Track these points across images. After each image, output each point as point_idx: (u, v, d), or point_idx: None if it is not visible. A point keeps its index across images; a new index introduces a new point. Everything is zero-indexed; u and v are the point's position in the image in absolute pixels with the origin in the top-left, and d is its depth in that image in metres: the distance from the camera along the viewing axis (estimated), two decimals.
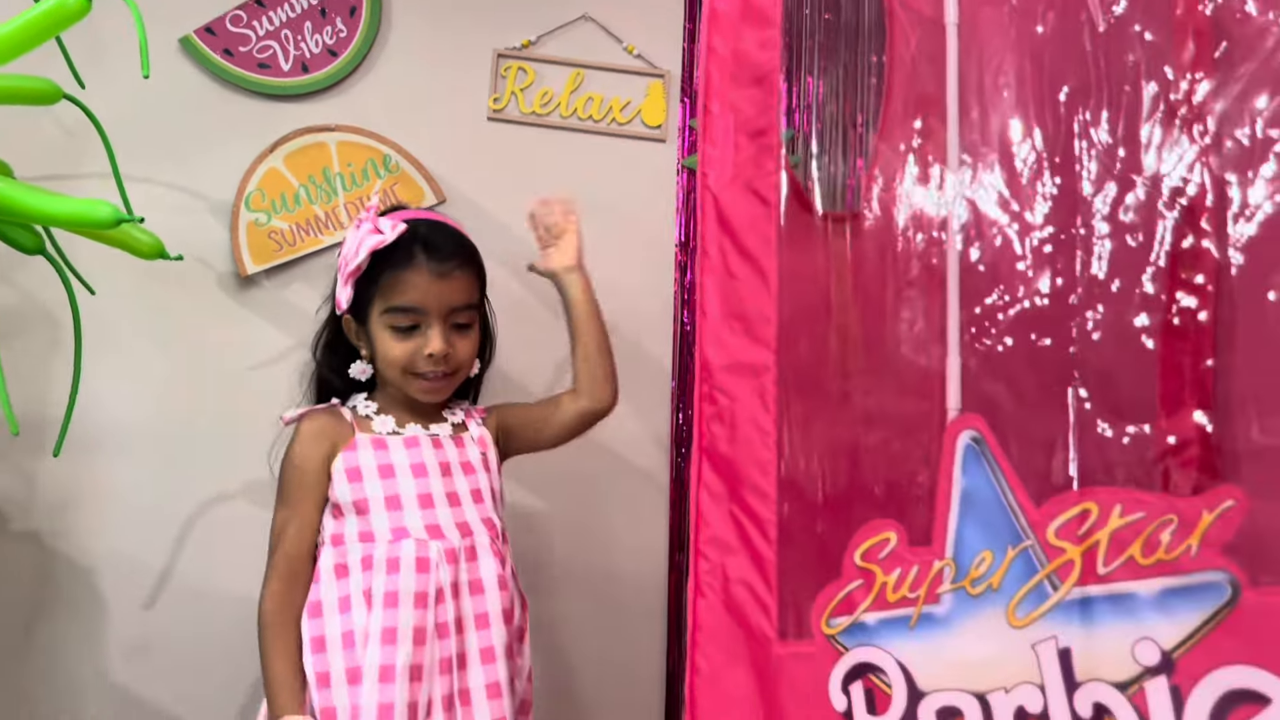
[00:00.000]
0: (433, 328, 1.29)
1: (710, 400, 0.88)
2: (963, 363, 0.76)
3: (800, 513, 0.83)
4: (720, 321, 0.89)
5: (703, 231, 0.91)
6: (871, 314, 0.85)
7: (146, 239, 1.35)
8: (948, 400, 0.92)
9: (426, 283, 1.28)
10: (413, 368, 1.30)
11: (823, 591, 0.80)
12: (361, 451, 1.30)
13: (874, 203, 0.93)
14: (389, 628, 1.21)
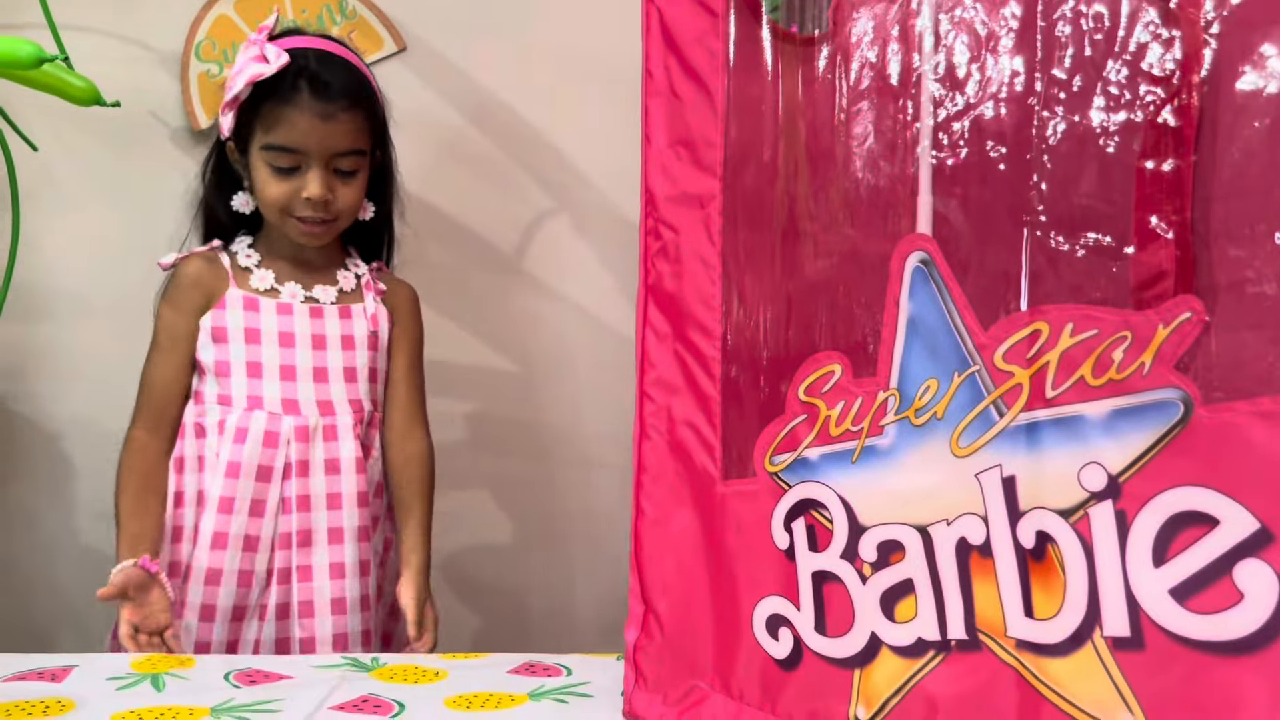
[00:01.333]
0: (312, 170, 1.21)
1: (655, 234, 0.83)
2: (913, 177, 0.71)
3: (745, 350, 0.78)
4: (665, 149, 0.83)
5: (647, 49, 0.84)
6: (824, 135, 0.78)
7: (80, 83, 1.28)
8: (917, 226, 0.86)
9: (308, 123, 1.19)
10: (290, 210, 1.23)
11: (766, 429, 0.76)
12: (230, 311, 1.24)
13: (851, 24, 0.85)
14: (227, 497, 1.20)
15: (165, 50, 1.57)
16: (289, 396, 1.23)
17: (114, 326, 1.56)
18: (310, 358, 1.25)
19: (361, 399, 1.27)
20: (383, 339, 1.31)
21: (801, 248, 0.77)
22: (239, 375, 1.23)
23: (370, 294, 1.31)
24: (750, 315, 0.78)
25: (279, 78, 1.18)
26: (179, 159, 1.57)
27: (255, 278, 1.27)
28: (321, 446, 1.23)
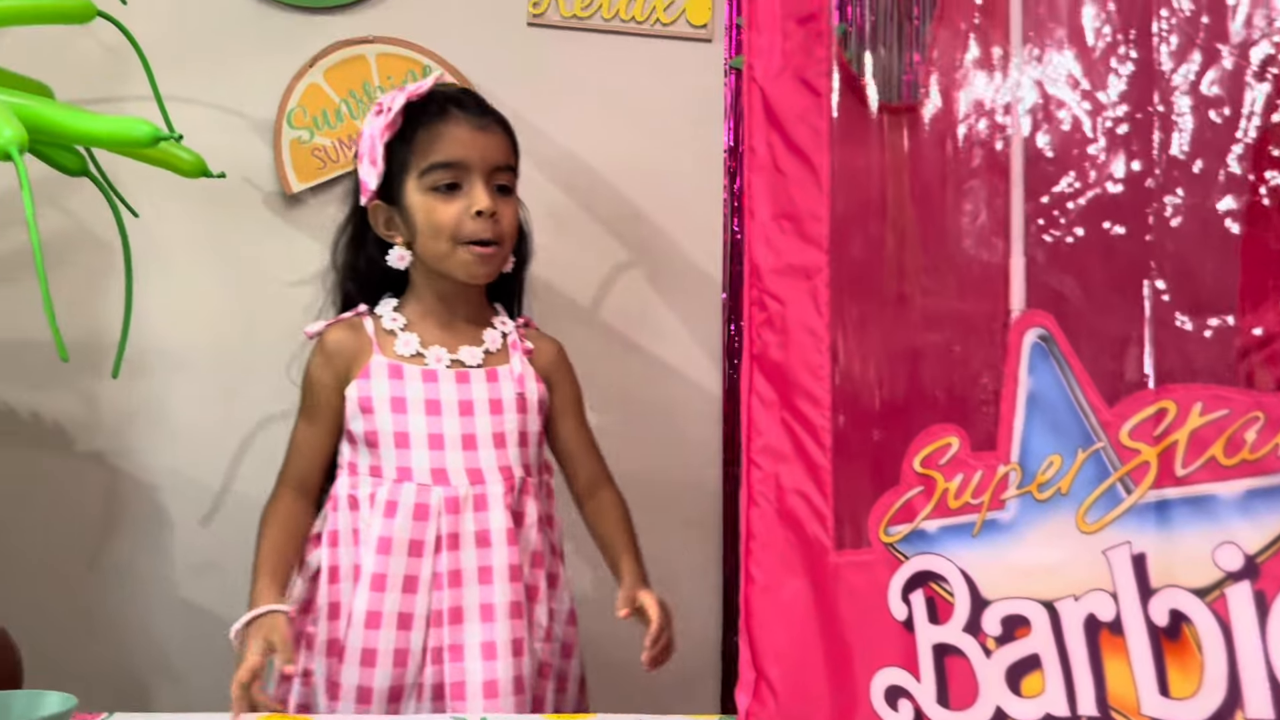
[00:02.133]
0: (476, 184, 1.20)
1: (760, 305, 0.84)
2: (1029, 256, 0.71)
3: (856, 419, 0.79)
4: (769, 222, 0.84)
5: (749, 127, 0.86)
6: (930, 209, 0.79)
7: (188, 157, 1.32)
8: (1011, 300, 0.87)
9: (467, 134, 1.20)
10: (460, 233, 1.19)
11: (880, 499, 0.76)
12: (375, 380, 1.21)
13: (933, 91, 0.86)
14: (379, 574, 1.16)
15: (258, 117, 1.62)
16: (438, 466, 1.19)
17: (209, 384, 1.61)
18: (458, 424, 1.20)
19: (511, 465, 1.22)
20: (531, 401, 1.25)
21: (912, 319, 0.78)
22: (387, 446, 1.19)
23: (517, 353, 1.27)
24: (860, 385, 0.78)
25: (425, 105, 1.21)
26: (272, 222, 1.62)
27: (400, 342, 1.24)
28: (472, 518, 1.18)
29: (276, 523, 1.23)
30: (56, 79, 1.44)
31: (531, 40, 1.67)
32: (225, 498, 1.61)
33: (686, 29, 1.68)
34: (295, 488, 1.25)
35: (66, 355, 1.06)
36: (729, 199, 1.67)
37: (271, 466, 1.61)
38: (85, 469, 1.59)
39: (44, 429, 1.59)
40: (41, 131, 1.10)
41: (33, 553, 1.57)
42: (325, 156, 1.61)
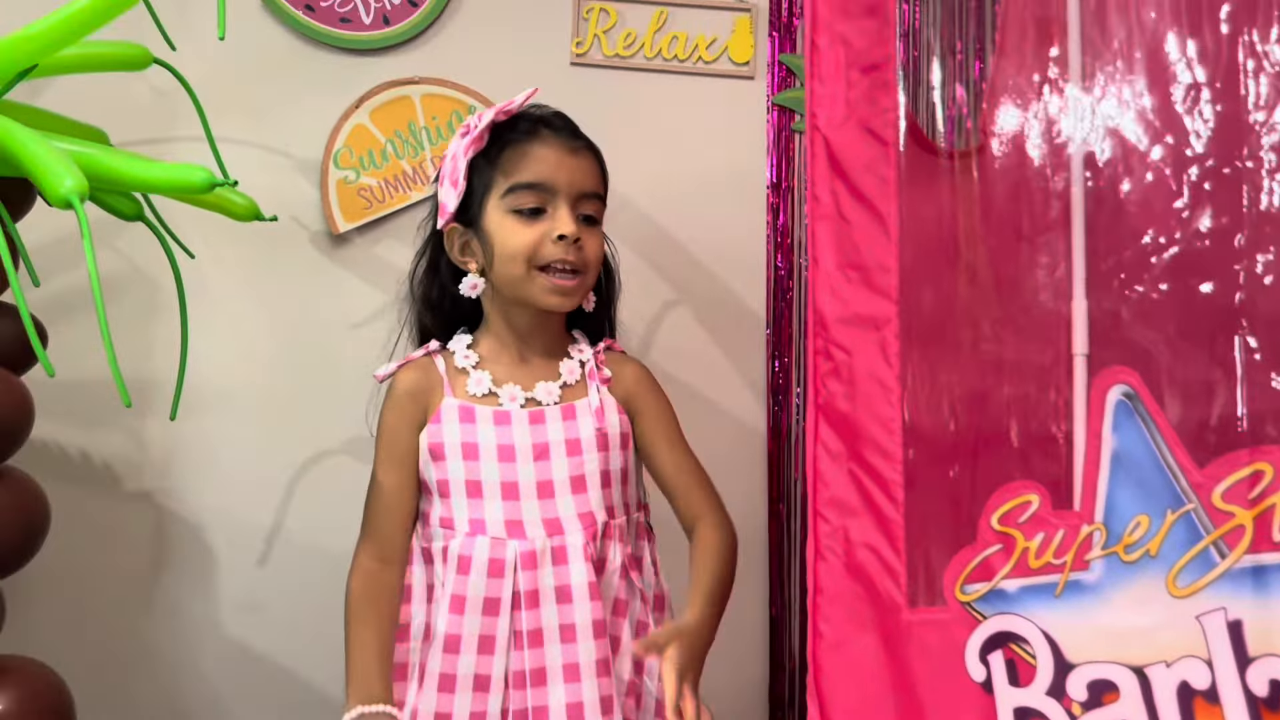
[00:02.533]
0: (561, 209, 1.13)
1: (825, 355, 0.83)
2: (1113, 311, 0.69)
3: (927, 473, 0.77)
4: (835, 271, 0.83)
5: (812, 175, 0.85)
6: (1002, 258, 0.78)
7: (242, 201, 1.33)
8: (1074, 345, 0.85)
9: (556, 156, 1.14)
10: (539, 258, 1.13)
11: (956, 556, 0.74)
12: (446, 425, 1.15)
13: (998, 137, 0.85)
14: (453, 634, 1.10)
15: (304, 158, 1.62)
16: (512, 518, 1.11)
17: (257, 423, 1.60)
18: (533, 471, 1.12)
19: (593, 510, 1.14)
20: (613, 436, 1.17)
21: (983, 368, 0.76)
22: (459, 496, 1.12)
23: (594, 384, 1.18)
24: (932, 439, 0.77)
25: (515, 124, 1.15)
26: (318, 261, 1.62)
27: (472, 381, 1.17)
28: (551, 572, 1.10)
29: (369, 601, 1.15)
30: (109, 122, 1.45)
31: (575, 79, 1.66)
32: (274, 538, 1.60)
33: (729, 67, 1.68)
34: (379, 555, 1.17)
35: (129, 401, 1.06)
36: (772, 235, 1.66)
37: (318, 507, 1.61)
38: (134, 509, 1.59)
39: (93, 468, 1.60)
40: (101, 179, 1.10)
41: (83, 592, 1.57)
42: (371, 196, 1.62)
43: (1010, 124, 0.87)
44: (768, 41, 1.67)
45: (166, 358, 1.56)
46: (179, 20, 1.51)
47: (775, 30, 1.67)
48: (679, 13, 1.67)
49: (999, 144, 0.86)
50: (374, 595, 1.14)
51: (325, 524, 1.60)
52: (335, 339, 1.62)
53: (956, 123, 1.27)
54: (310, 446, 1.61)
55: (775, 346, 1.65)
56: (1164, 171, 0.68)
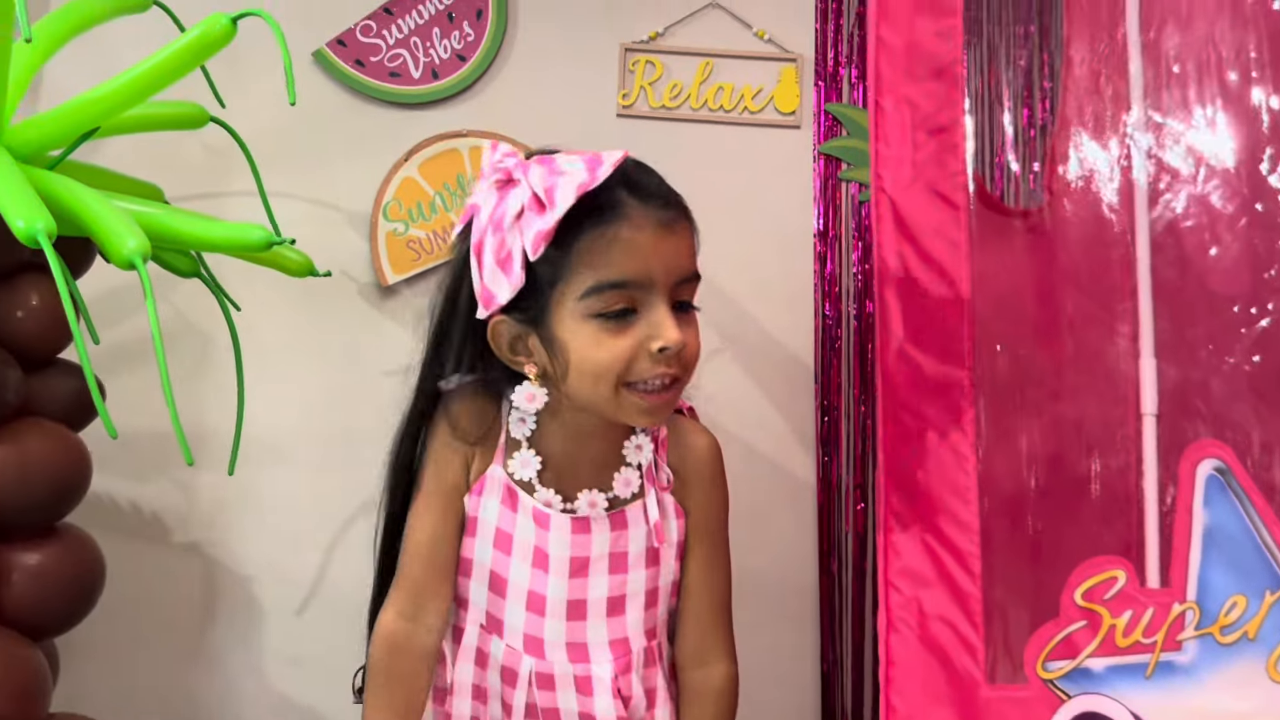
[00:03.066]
0: (659, 309, 0.85)
1: (895, 421, 0.81)
2: (1203, 382, 0.67)
3: (1005, 544, 0.75)
4: (904, 335, 0.81)
5: (879, 239, 0.84)
6: (1075, 318, 0.76)
7: (297, 258, 1.33)
8: (1143, 405, 0.83)
9: (653, 238, 0.85)
10: (632, 374, 0.87)
11: (1038, 632, 0.72)
12: (487, 498, 0.95)
13: (1065, 196, 0.83)
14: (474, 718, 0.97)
15: (354, 211, 1.63)
16: (533, 633, 0.94)
17: (305, 474, 1.60)
18: (565, 588, 0.93)
19: (629, 636, 0.95)
20: (671, 542, 0.96)
21: (1062, 437, 0.74)
22: (480, 582, 0.96)
23: (654, 491, 0.95)
24: (1010, 509, 0.75)
25: (592, 196, 0.84)
26: (367, 313, 1.63)
27: (519, 458, 0.95)
28: (574, 697, 0.94)
29: (389, 676, 0.95)
30: (163, 178, 1.47)
31: (621, 130, 1.67)
32: (320, 590, 1.59)
33: (775, 116, 1.67)
34: (411, 610, 0.96)
35: (192, 459, 1.06)
36: (819, 283, 1.65)
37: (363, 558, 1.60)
38: (182, 559, 1.59)
39: (143, 519, 1.60)
40: (162, 239, 1.11)
41: (131, 642, 1.57)
42: (420, 248, 1.62)
43: (1077, 183, 0.85)
44: (813, 91, 1.67)
45: (217, 410, 1.57)
46: (230, 77, 1.52)
47: (821, 80, 1.67)
48: (725, 64, 1.67)
49: (1066, 203, 0.84)
50: (397, 668, 0.96)
51: (369, 575, 1.59)
52: (383, 390, 1.60)
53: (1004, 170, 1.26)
54: (357, 497, 1.61)
55: (824, 397, 1.63)
56: (1252, 238, 0.66)
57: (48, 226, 0.98)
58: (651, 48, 1.66)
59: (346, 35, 1.63)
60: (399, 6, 1.63)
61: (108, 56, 1.32)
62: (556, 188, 0.84)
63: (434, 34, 1.64)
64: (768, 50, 1.67)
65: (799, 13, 1.68)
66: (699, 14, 1.67)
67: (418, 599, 0.97)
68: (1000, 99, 1.32)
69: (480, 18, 1.64)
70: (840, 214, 1.66)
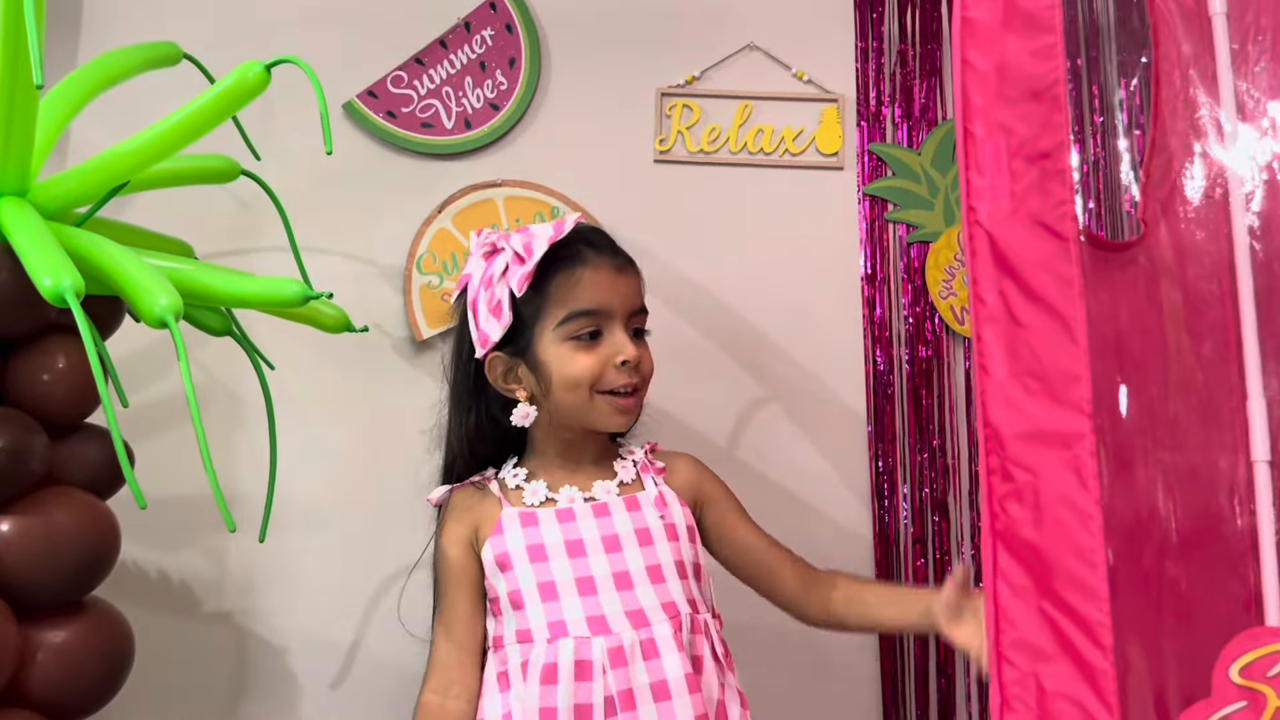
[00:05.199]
0: (618, 332, 1.09)
1: (1004, 475, 0.72)
2: None
3: (1136, 612, 0.66)
4: (1010, 381, 0.73)
5: (975, 275, 0.76)
6: (1196, 360, 0.68)
7: (332, 313, 1.26)
8: (1253, 452, 0.74)
9: (608, 279, 1.09)
10: (601, 384, 1.09)
11: (1186, 713, 0.63)
12: (508, 534, 1.08)
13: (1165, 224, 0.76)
14: None
15: (387, 264, 1.57)
16: (594, 613, 1.03)
17: (341, 538, 1.51)
18: (606, 562, 1.05)
19: (676, 600, 1.05)
20: (680, 527, 1.11)
21: (1201, 493, 0.66)
22: (533, 603, 1.04)
23: (649, 476, 1.14)
24: (1143, 573, 0.66)
25: (556, 247, 1.08)
26: (402, 369, 1.55)
27: (528, 492, 1.12)
28: (643, 668, 1.01)
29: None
30: (192, 234, 1.41)
31: (659, 176, 1.60)
32: (357, 659, 1.50)
33: (817, 158, 1.61)
34: (442, 687, 1.09)
35: (234, 525, 0.99)
36: (868, 328, 1.57)
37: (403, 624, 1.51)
38: (214, 631, 1.50)
39: (172, 589, 1.51)
40: (194, 295, 1.04)
41: (165, 718, 1.48)
42: None
43: (1176, 210, 0.77)
44: (856, 131, 1.60)
45: (248, 472, 1.49)
46: (262, 130, 1.47)
47: (863, 120, 1.60)
48: (764, 106, 1.61)
49: (1163, 232, 0.76)
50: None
51: (408, 643, 1.49)
52: (419, 448, 1.53)
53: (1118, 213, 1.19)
54: (394, 561, 1.52)
55: (877, 445, 1.54)
56: None
57: (76, 285, 0.91)
58: (688, 91, 1.61)
59: (377, 86, 1.58)
60: (430, 56, 1.58)
61: (137, 112, 1.26)
62: (532, 243, 1.09)
63: (466, 83, 1.58)
64: (808, 91, 1.61)
65: (839, 52, 1.62)
66: (736, 56, 1.62)
67: (447, 675, 1.09)
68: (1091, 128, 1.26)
69: (513, 66, 1.59)
70: (888, 256, 1.58)
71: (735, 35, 1.61)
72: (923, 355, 1.53)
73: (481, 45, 1.58)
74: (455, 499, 1.15)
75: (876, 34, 1.60)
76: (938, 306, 1.53)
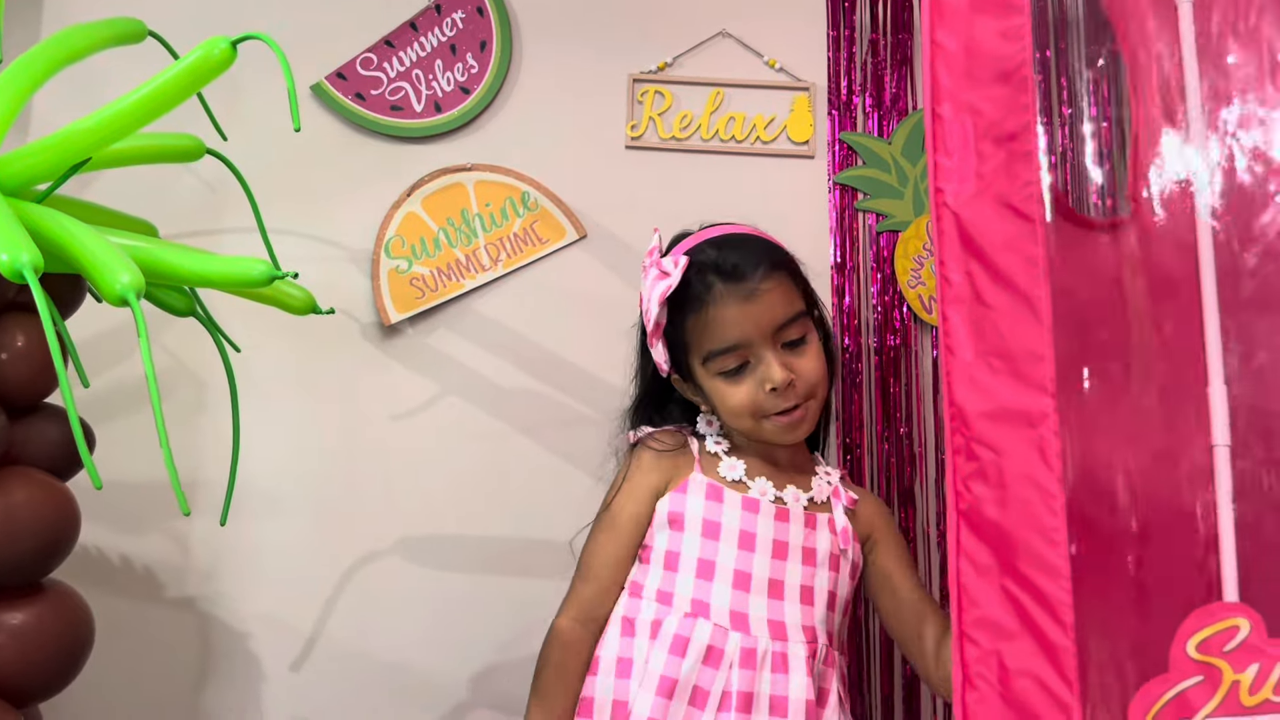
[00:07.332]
0: (765, 357, 1.05)
1: (969, 455, 0.72)
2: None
3: (1098, 589, 0.67)
4: (975, 360, 0.73)
5: (942, 256, 0.76)
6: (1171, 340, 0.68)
7: (299, 294, 1.24)
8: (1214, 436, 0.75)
9: (735, 313, 1.05)
10: (760, 410, 1.06)
11: (1144, 688, 0.63)
12: (691, 496, 1.07)
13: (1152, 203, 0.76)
14: (653, 719, 0.98)
15: (355, 248, 1.55)
16: (739, 609, 1.02)
17: (304, 523, 1.50)
18: (768, 567, 1.04)
19: (815, 626, 1.04)
20: (847, 562, 1.09)
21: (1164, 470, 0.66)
22: (687, 571, 1.04)
23: (840, 505, 1.12)
24: (1104, 550, 0.66)
25: (685, 284, 1.06)
26: (370, 353, 1.54)
27: (724, 465, 1.11)
28: (769, 679, 1.00)
29: (562, 671, 1.06)
30: (157, 215, 1.38)
31: (630, 163, 1.60)
32: (323, 645, 1.49)
33: (788, 146, 1.61)
34: (583, 616, 1.08)
35: (188, 509, 0.97)
36: (838, 316, 1.57)
37: (366, 609, 1.50)
38: (177, 616, 1.48)
39: (134, 574, 1.49)
40: (157, 274, 1.02)
41: (122, 706, 1.46)
42: (423, 285, 1.54)
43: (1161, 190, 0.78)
44: (827, 120, 1.61)
45: (212, 457, 1.47)
46: (228, 110, 1.45)
47: (834, 109, 1.61)
48: (736, 93, 1.61)
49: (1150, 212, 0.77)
50: (569, 664, 1.06)
51: (375, 629, 1.48)
52: (386, 433, 1.52)
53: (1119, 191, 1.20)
54: (360, 546, 1.51)
55: (846, 434, 1.54)
56: None
57: (34, 260, 0.90)
58: (660, 78, 1.60)
59: (346, 68, 1.56)
60: (400, 39, 1.57)
61: (100, 89, 1.24)
62: (654, 292, 1.08)
63: (436, 66, 1.57)
64: (780, 79, 1.61)
65: (811, 41, 1.62)
66: (708, 43, 1.61)
67: (591, 609, 1.08)
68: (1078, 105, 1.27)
69: (484, 49, 1.58)
70: (858, 245, 1.59)
71: (708, 22, 1.61)
72: (891, 343, 1.54)
73: (452, 28, 1.56)
74: (651, 446, 1.13)
75: (848, 23, 1.60)
76: (906, 295, 1.54)
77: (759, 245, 1.11)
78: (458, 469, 1.50)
